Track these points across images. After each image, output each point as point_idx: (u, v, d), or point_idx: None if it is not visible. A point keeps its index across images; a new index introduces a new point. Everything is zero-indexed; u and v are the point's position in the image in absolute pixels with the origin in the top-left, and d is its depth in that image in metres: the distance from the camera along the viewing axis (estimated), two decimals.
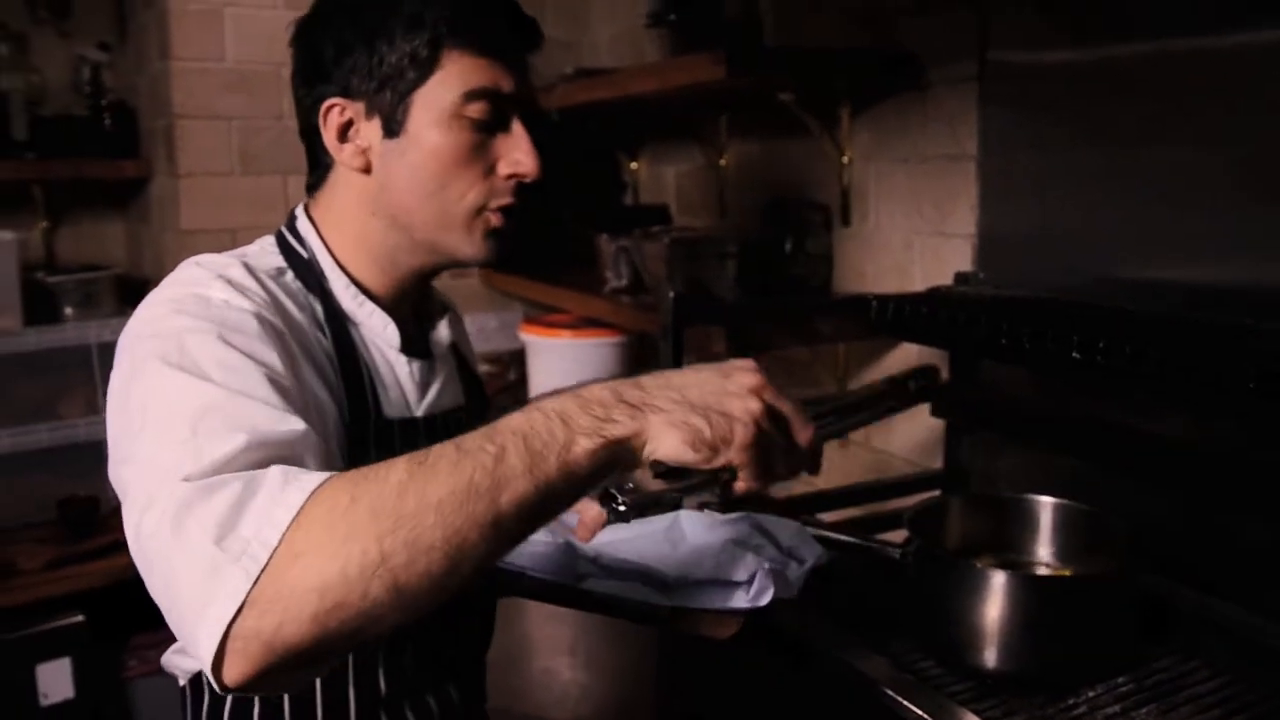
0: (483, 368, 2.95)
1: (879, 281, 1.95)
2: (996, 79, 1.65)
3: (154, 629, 1.17)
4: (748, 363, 0.88)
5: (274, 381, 0.88)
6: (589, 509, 1.14)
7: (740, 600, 1.06)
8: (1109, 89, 1.46)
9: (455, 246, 1.08)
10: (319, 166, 1.12)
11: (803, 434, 0.88)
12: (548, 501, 0.78)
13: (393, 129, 1.05)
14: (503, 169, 1.07)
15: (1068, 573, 1.22)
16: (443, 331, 1.20)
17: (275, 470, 0.78)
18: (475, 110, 1.04)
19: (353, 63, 1.05)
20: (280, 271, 1.07)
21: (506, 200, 1.08)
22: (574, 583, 1.10)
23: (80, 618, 2.21)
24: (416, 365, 1.13)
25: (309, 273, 1.08)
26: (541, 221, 2.78)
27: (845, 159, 1.99)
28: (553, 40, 3.04)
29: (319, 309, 1.07)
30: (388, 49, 1.03)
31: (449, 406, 1.17)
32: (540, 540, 1.10)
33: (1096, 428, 1.35)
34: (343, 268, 1.10)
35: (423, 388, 1.14)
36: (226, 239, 2.52)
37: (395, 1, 1.04)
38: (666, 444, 0.81)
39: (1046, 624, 1.07)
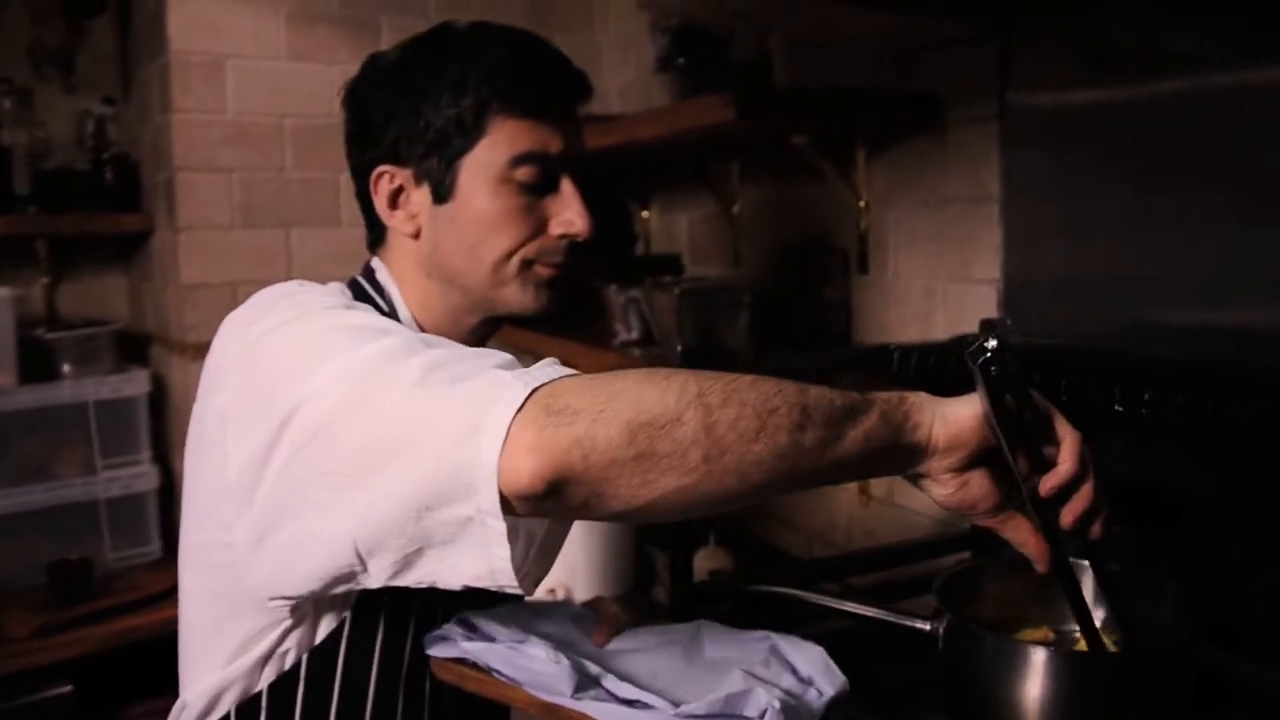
0: None
1: (900, 330, 1.87)
2: (1019, 117, 1.58)
3: (145, 698, 1.10)
4: None
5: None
6: (607, 608, 1.06)
7: None
8: (1136, 126, 1.39)
9: (510, 299, 1.08)
10: (376, 227, 1.12)
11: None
12: (851, 417, 0.80)
13: (441, 195, 1.05)
14: (554, 229, 1.07)
15: (1114, 642, 1.12)
16: None
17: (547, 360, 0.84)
18: (523, 174, 1.04)
19: (399, 128, 1.05)
20: None
21: (556, 259, 1.09)
22: (569, 701, 1.01)
23: (69, 688, 2.13)
24: None
25: None
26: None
27: (862, 203, 1.92)
28: None
29: None
30: (433, 115, 1.03)
31: None
32: (543, 661, 1.02)
33: (1139, 485, 1.25)
34: (419, 325, 1.10)
35: None
36: (227, 293, 2.46)
37: (439, 67, 1.04)
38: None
39: (1093, 704, 0.96)
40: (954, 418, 0.83)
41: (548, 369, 0.81)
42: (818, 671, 1.05)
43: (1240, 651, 1.14)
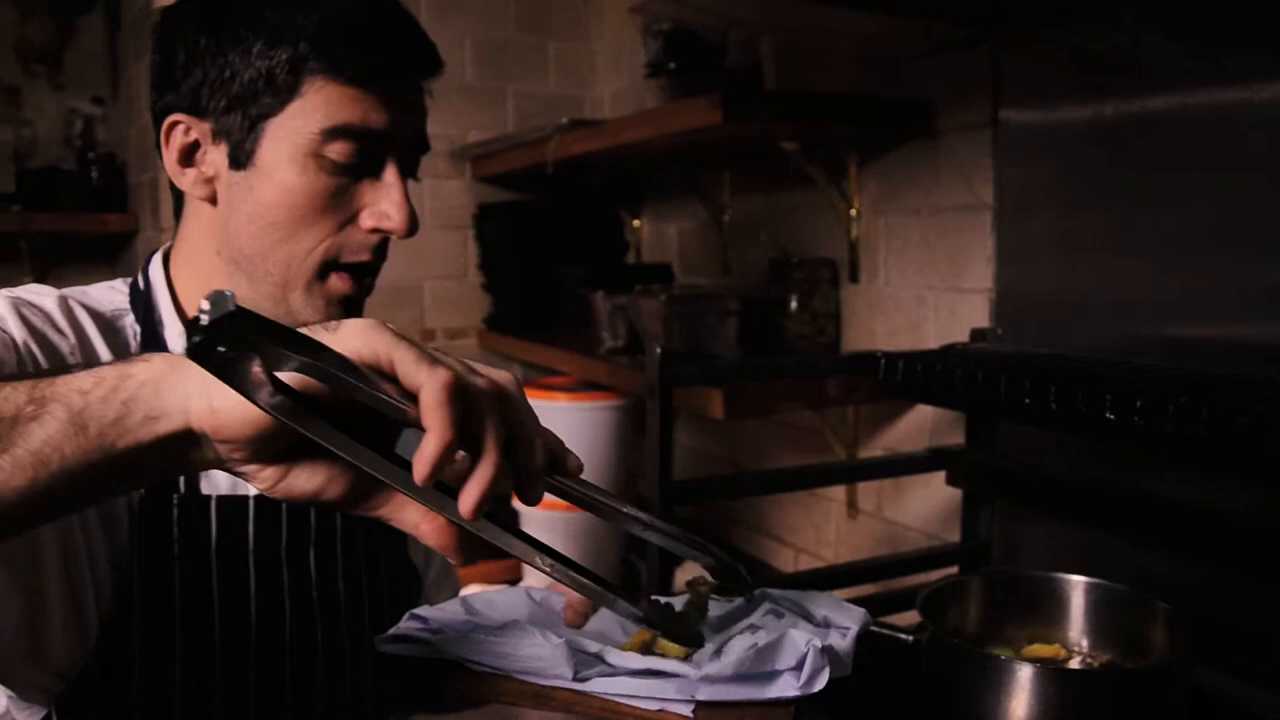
0: None
1: (890, 340, 1.84)
2: (1012, 123, 1.55)
3: None
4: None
5: None
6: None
7: (789, 688, 0.85)
8: (1131, 140, 1.36)
9: (295, 308, 0.93)
10: (177, 191, 0.97)
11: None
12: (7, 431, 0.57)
13: (239, 159, 0.90)
14: (365, 220, 0.92)
15: (1103, 661, 1.08)
16: None
17: None
18: (337, 151, 0.89)
19: (202, 74, 0.89)
20: (119, 314, 0.95)
21: (363, 256, 0.93)
22: (572, 683, 0.91)
23: None
24: None
25: (148, 317, 0.95)
26: (541, 281, 2.70)
27: (853, 211, 1.88)
28: (556, 96, 3.00)
29: None
30: (241, 64, 0.88)
31: None
32: (534, 643, 0.93)
33: (1131, 498, 1.22)
34: (184, 314, 0.96)
35: None
36: None
37: (257, 9, 0.88)
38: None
39: None
40: (223, 403, 0.57)
41: None
42: (832, 611, 0.95)
43: (1239, 675, 1.10)
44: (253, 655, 0.93)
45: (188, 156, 0.92)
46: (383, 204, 0.92)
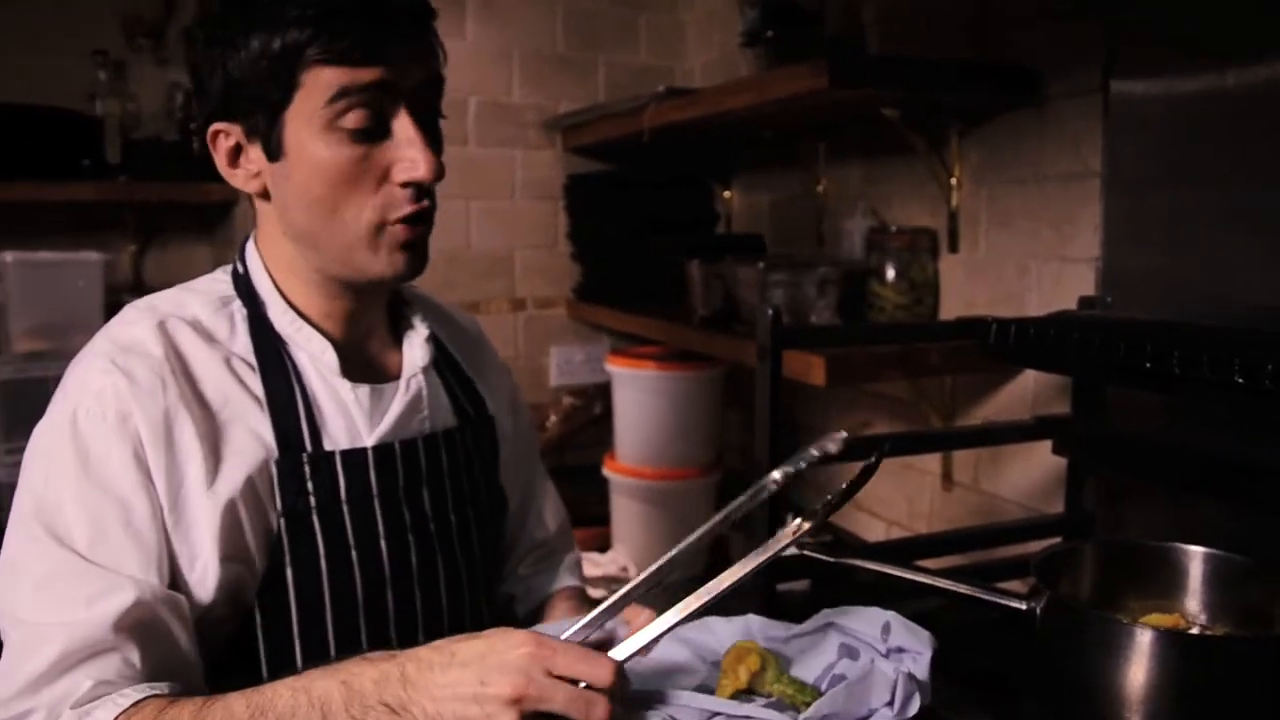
0: (565, 400, 2.87)
1: (990, 310, 1.80)
2: (1124, 90, 1.51)
3: None
4: (515, 646, 0.81)
5: (129, 524, 0.90)
6: (638, 615, 0.99)
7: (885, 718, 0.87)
8: (1248, 103, 1.32)
9: (365, 266, 1.00)
10: None
11: (600, 677, 0.82)
12: None
13: (272, 152, 0.97)
14: (396, 175, 0.97)
15: (1222, 633, 1.06)
16: (416, 353, 1.11)
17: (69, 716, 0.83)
18: (351, 120, 0.94)
19: (221, 82, 0.96)
20: (226, 301, 1.03)
21: (407, 209, 0.98)
22: None
23: None
24: (363, 391, 1.05)
25: (250, 299, 1.04)
26: (630, 251, 2.70)
27: (954, 180, 1.86)
28: (647, 66, 2.99)
29: (247, 339, 1.02)
30: (247, 68, 0.94)
31: (424, 431, 1.09)
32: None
33: (1249, 469, 1.19)
34: (281, 291, 1.05)
35: (375, 415, 1.05)
36: None
37: (248, 13, 0.94)
38: None
39: (1203, 692, 0.91)
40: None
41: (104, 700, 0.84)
42: (902, 638, 0.96)
43: None
44: (388, 585, 1.03)
45: (234, 159, 1.00)
46: (406, 155, 0.96)
